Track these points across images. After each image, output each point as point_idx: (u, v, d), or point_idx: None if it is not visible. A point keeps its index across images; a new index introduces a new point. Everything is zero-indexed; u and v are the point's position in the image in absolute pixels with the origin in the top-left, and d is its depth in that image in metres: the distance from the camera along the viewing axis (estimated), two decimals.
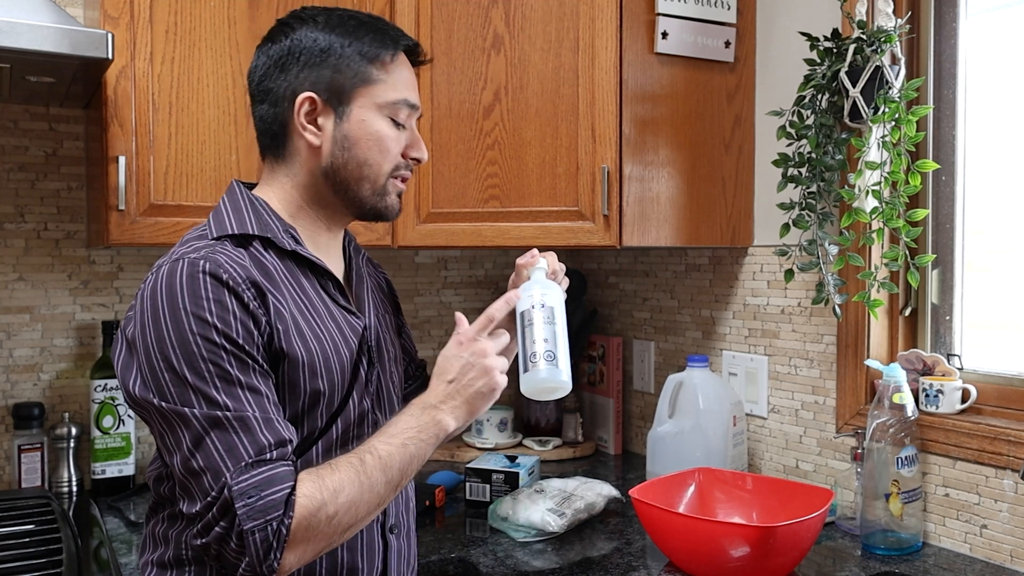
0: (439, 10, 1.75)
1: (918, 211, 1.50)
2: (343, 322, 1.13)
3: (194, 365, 0.97)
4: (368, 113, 1.13)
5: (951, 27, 1.63)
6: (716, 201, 1.85)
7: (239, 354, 0.99)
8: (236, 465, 0.95)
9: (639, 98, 1.72)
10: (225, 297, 0.99)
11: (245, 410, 0.97)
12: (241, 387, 0.98)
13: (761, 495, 1.58)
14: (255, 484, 0.94)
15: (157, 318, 0.98)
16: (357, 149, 1.12)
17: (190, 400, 0.97)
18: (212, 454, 0.95)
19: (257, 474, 0.95)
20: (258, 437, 0.97)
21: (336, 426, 1.10)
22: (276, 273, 1.07)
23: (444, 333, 2.34)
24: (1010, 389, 1.53)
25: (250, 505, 0.94)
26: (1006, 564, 1.45)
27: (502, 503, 1.66)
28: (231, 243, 1.06)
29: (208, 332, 0.97)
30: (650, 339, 2.23)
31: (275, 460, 0.97)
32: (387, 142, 1.14)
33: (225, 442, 0.96)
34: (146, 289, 1.01)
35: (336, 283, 1.15)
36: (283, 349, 1.03)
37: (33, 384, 1.86)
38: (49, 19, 1.35)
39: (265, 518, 0.94)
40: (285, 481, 0.96)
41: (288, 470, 0.97)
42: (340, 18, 1.14)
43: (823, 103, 1.60)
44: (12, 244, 1.84)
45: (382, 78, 1.13)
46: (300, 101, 1.10)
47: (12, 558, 1.40)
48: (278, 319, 1.03)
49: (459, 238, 1.76)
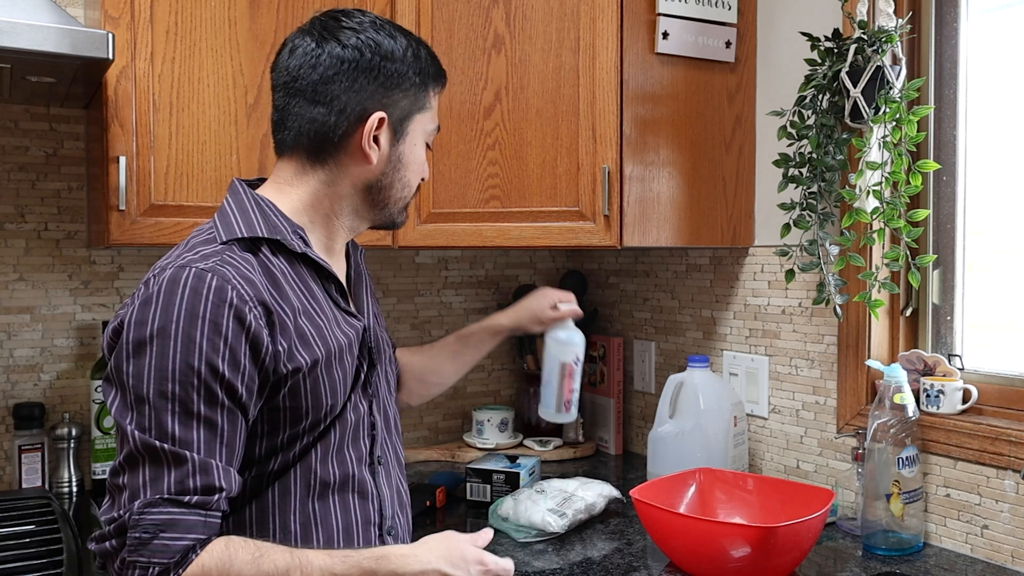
0: (439, 10, 1.75)
1: (919, 211, 1.49)
2: (345, 325, 1.12)
3: (161, 386, 0.95)
4: (418, 138, 1.17)
5: (952, 27, 1.63)
6: (717, 201, 1.84)
7: (212, 385, 0.96)
8: (152, 496, 0.93)
9: (640, 98, 1.72)
10: (223, 319, 0.97)
11: (188, 448, 0.95)
12: (198, 420, 0.96)
13: (762, 495, 1.58)
14: (156, 522, 0.93)
15: (144, 323, 0.97)
16: (406, 171, 1.16)
17: (142, 421, 0.95)
18: (137, 477, 0.94)
19: (164, 512, 0.93)
20: (186, 478, 0.95)
21: (335, 429, 1.10)
22: (284, 279, 1.06)
23: (444, 333, 2.33)
24: (1011, 389, 1.52)
25: (141, 540, 0.92)
26: (1007, 565, 1.45)
27: (502, 503, 1.66)
28: (239, 247, 1.04)
29: (190, 356, 0.95)
30: (651, 339, 2.23)
31: (192, 506, 0.95)
32: (424, 166, 1.20)
33: (154, 471, 0.94)
34: (146, 292, 0.99)
35: (339, 287, 1.15)
36: (287, 369, 1.02)
37: (34, 384, 1.86)
38: (50, 19, 1.35)
39: (150, 559, 0.92)
40: (190, 531, 0.94)
41: (199, 522, 0.95)
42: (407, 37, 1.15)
43: (824, 103, 1.60)
44: (12, 244, 1.84)
45: (432, 105, 1.18)
46: (374, 120, 1.10)
47: (13, 558, 1.40)
48: (283, 336, 1.02)
49: (460, 238, 1.76)
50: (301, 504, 1.07)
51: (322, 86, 1.09)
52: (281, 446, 1.06)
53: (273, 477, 1.06)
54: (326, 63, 1.09)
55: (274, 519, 1.06)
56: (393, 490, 1.20)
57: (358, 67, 1.09)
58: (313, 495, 1.08)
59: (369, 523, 1.14)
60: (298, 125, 1.12)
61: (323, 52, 1.09)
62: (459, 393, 2.35)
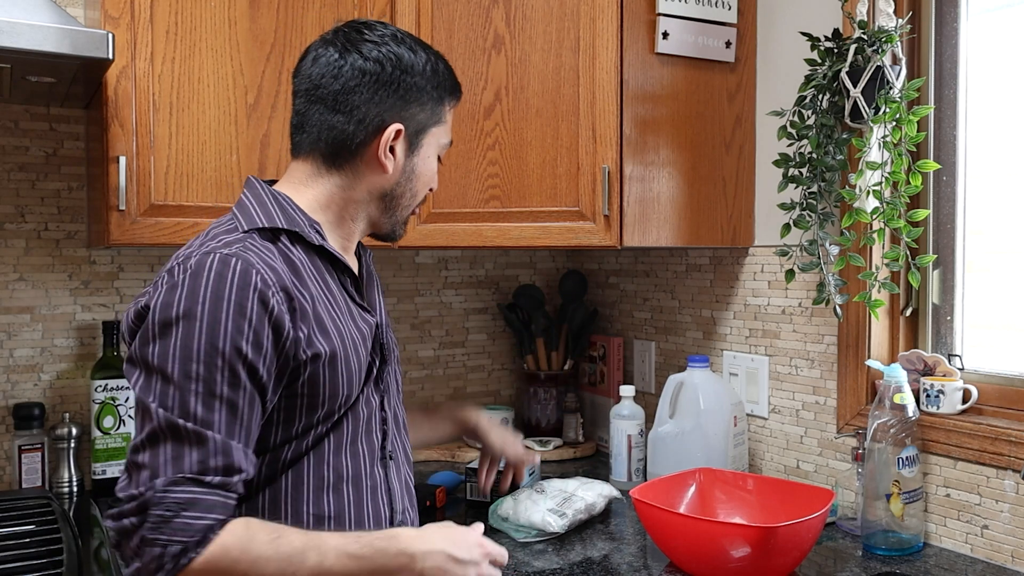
0: (439, 10, 1.75)
1: (919, 211, 1.49)
2: (360, 320, 1.14)
3: (186, 366, 0.96)
4: (432, 150, 1.20)
5: (952, 27, 1.63)
6: (717, 201, 1.84)
7: (236, 367, 0.98)
8: (174, 474, 0.94)
9: (640, 98, 1.72)
10: (248, 301, 0.98)
11: (210, 428, 0.96)
12: (221, 401, 0.97)
13: (762, 495, 1.58)
14: (178, 500, 0.93)
15: (171, 306, 0.98)
16: (417, 182, 1.19)
17: (166, 400, 0.96)
18: (159, 455, 0.95)
19: (186, 491, 0.94)
20: (207, 457, 0.96)
21: (348, 421, 1.11)
22: (304, 269, 1.08)
23: (444, 333, 2.34)
24: (1011, 389, 1.52)
25: (163, 518, 0.93)
26: (1007, 565, 1.45)
27: (502, 503, 1.66)
28: (259, 236, 1.06)
29: (215, 337, 0.97)
30: (651, 339, 2.23)
31: (213, 486, 0.96)
32: (433, 181, 1.23)
33: (175, 450, 0.95)
34: (172, 277, 1.00)
35: (355, 280, 1.17)
36: (307, 355, 1.03)
37: (34, 384, 1.86)
38: (50, 19, 1.35)
39: (171, 537, 0.93)
40: (211, 511, 0.95)
41: (219, 502, 0.96)
42: (426, 52, 1.17)
43: (824, 103, 1.60)
44: (13, 244, 1.84)
45: (446, 119, 1.21)
46: (391, 132, 1.13)
47: (13, 558, 1.40)
48: (303, 323, 1.03)
49: (460, 238, 1.76)
50: (316, 496, 1.08)
51: (343, 96, 1.12)
52: (295, 435, 1.07)
53: (286, 467, 1.08)
54: (348, 74, 1.12)
55: (287, 510, 1.07)
56: (403, 485, 1.22)
57: (379, 80, 1.12)
58: (327, 488, 1.09)
59: (380, 517, 1.15)
60: (317, 130, 1.14)
61: (345, 63, 1.12)
62: (459, 393, 2.35)
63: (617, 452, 1.96)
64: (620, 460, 1.95)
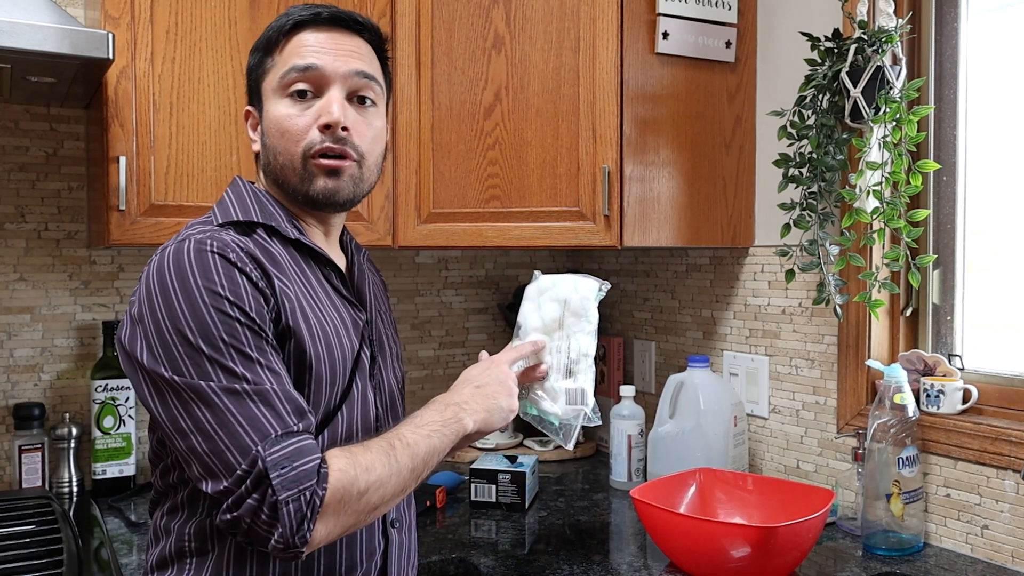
0: (440, 10, 1.75)
1: (919, 211, 1.49)
2: (345, 312, 1.13)
3: (209, 338, 0.95)
4: (270, 103, 1.13)
5: (952, 27, 1.63)
6: (717, 201, 1.84)
7: (253, 327, 0.98)
8: (264, 438, 0.94)
9: (640, 98, 1.72)
10: (234, 273, 0.98)
11: (264, 383, 0.96)
12: (257, 362, 0.97)
13: (762, 495, 1.58)
14: (286, 455, 0.93)
15: (167, 293, 0.97)
16: (269, 140, 1.13)
17: (207, 373, 0.95)
18: (236, 430, 0.94)
19: (287, 445, 0.94)
20: (280, 410, 0.96)
21: (342, 414, 1.09)
22: (281, 259, 1.07)
23: (444, 333, 2.34)
24: (1011, 389, 1.52)
25: (284, 475, 0.92)
26: (1007, 565, 1.45)
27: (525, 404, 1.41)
28: (235, 230, 1.06)
29: (221, 304, 0.96)
30: (651, 339, 2.23)
31: (300, 432, 0.96)
32: (285, 123, 1.10)
33: (247, 416, 0.94)
34: (152, 269, 1.00)
35: (339, 273, 1.16)
36: (290, 326, 1.03)
37: (34, 384, 1.86)
38: (50, 19, 1.35)
39: (299, 487, 0.93)
40: (312, 452, 0.95)
41: (312, 443, 0.97)
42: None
43: (824, 103, 1.60)
44: (13, 244, 1.84)
45: (276, 61, 1.13)
46: (244, 116, 1.19)
47: (13, 558, 1.40)
48: (284, 297, 1.03)
49: (460, 238, 1.76)
50: None
51: None
52: None
53: None
54: None
55: None
56: None
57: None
58: None
59: None
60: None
61: None
62: None
63: (617, 452, 1.96)
64: (620, 460, 1.96)
